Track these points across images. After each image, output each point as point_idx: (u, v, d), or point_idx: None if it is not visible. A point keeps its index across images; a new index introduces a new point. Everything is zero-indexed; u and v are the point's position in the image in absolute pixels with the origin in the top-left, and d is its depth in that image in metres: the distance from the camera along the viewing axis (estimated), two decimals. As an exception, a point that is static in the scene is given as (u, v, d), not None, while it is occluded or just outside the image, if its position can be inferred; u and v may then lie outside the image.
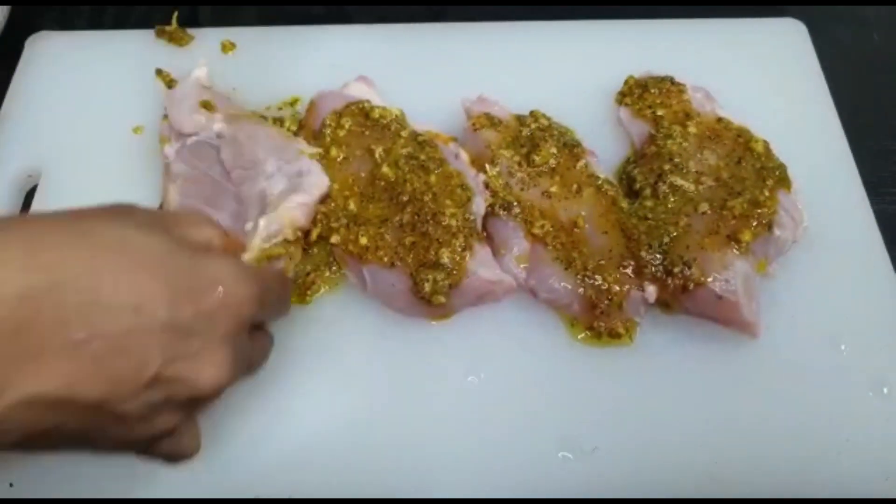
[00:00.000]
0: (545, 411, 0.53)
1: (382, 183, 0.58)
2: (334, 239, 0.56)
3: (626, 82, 0.66)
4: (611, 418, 0.53)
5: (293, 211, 0.55)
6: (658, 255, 0.55)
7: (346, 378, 0.54)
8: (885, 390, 0.53)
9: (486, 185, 0.58)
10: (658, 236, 0.55)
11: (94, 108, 0.67)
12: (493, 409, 0.53)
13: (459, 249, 0.54)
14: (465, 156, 0.60)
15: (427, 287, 0.53)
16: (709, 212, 0.56)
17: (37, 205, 0.62)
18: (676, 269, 0.54)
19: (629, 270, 0.55)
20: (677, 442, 0.52)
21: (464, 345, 0.55)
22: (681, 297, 0.54)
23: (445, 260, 0.53)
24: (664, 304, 0.56)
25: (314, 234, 0.57)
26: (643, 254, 0.55)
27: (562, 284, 0.55)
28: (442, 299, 0.53)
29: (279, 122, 0.65)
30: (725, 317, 0.54)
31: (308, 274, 0.58)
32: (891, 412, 0.53)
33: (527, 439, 0.52)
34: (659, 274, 0.54)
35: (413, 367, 0.55)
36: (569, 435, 0.52)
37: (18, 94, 0.68)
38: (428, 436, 0.52)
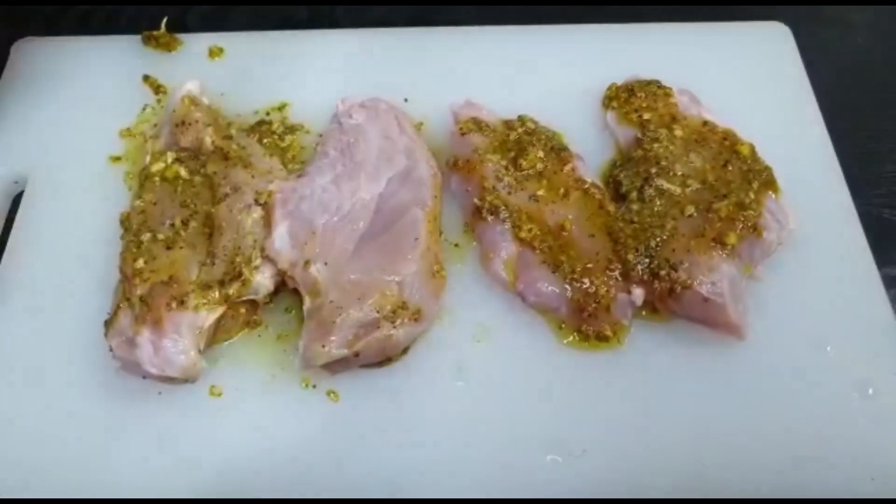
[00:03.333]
0: (533, 415, 0.53)
1: None
2: None
3: (609, 87, 0.66)
4: (599, 421, 0.53)
5: (267, 281, 0.55)
6: (645, 259, 0.55)
7: (335, 383, 0.54)
8: (870, 391, 0.54)
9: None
10: (644, 240, 0.55)
11: (81, 114, 0.67)
12: (481, 413, 0.53)
13: None
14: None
15: None
16: (695, 214, 0.56)
17: (23, 210, 0.62)
18: (663, 272, 0.54)
19: (616, 273, 0.55)
20: (665, 444, 0.52)
21: (451, 349, 0.55)
22: (668, 300, 0.54)
23: None
24: (652, 307, 0.56)
25: None
26: (630, 257, 0.55)
27: (549, 288, 0.55)
28: None
29: (267, 125, 0.65)
30: (712, 319, 0.54)
31: None
32: (876, 413, 0.53)
33: (515, 443, 0.52)
34: (646, 277, 0.55)
35: (401, 372, 0.55)
36: (557, 438, 0.52)
37: (4, 100, 0.68)
38: (416, 440, 0.52)
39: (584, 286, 0.54)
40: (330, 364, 0.52)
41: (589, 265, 0.55)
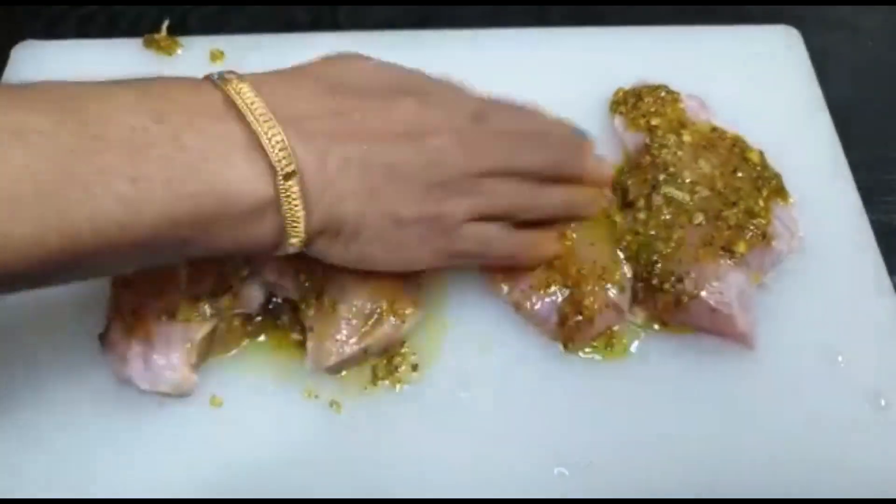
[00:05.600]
0: (540, 426, 0.52)
1: None
2: None
3: (616, 92, 0.66)
4: (606, 433, 0.52)
5: (257, 293, 0.55)
6: (650, 272, 0.54)
7: (338, 394, 0.54)
8: (883, 402, 0.53)
9: None
10: (649, 253, 0.54)
11: (81, 118, 0.66)
12: (486, 425, 0.52)
13: None
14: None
15: None
16: (703, 222, 0.55)
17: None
18: (667, 286, 0.53)
19: (607, 284, 0.54)
20: (673, 455, 0.51)
21: (455, 360, 0.55)
22: (674, 311, 0.53)
23: None
24: (661, 321, 0.55)
25: None
26: (635, 268, 0.54)
27: (542, 298, 0.54)
28: None
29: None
30: (721, 329, 0.53)
31: None
32: (888, 424, 0.52)
33: (521, 455, 0.51)
34: (650, 290, 0.54)
35: (404, 384, 0.54)
36: (564, 450, 0.51)
37: (4, 104, 0.68)
38: (420, 452, 0.52)
39: (573, 295, 0.53)
40: (338, 363, 0.52)
41: (582, 270, 0.54)
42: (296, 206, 0.39)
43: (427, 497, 0.50)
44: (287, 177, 0.38)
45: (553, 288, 0.54)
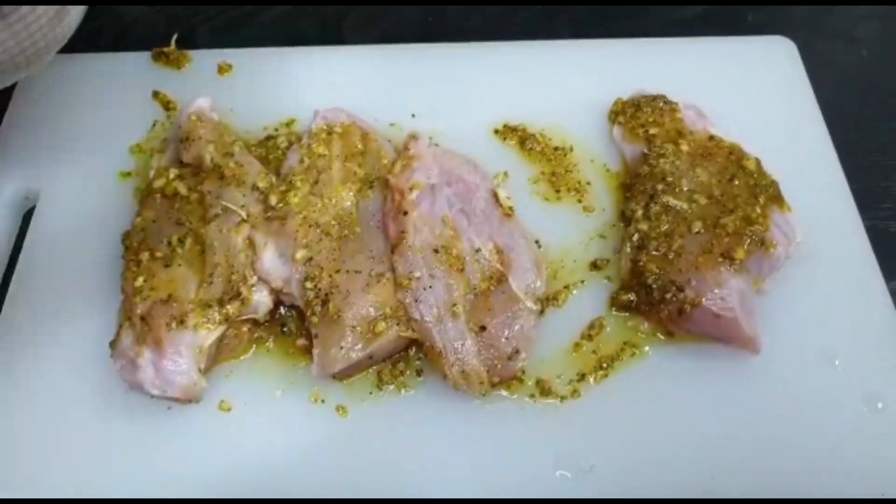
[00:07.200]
0: (542, 430, 0.53)
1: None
2: None
3: (616, 102, 0.67)
4: (607, 436, 0.53)
5: (265, 299, 0.56)
6: (651, 283, 0.55)
7: (344, 398, 0.54)
8: (880, 405, 0.54)
9: None
10: (652, 272, 0.55)
11: (92, 130, 0.68)
12: (489, 429, 0.53)
13: None
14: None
15: None
16: (702, 230, 0.56)
17: (34, 226, 0.62)
18: (668, 296, 0.54)
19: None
20: (673, 458, 0.52)
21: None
22: (678, 320, 0.54)
23: None
24: (666, 331, 0.56)
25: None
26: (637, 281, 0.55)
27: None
28: None
29: (273, 140, 0.65)
30: (726, 334, 0.54)
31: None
32: (885, 427, 0.53)
33: (524, 458, 0.52)
34: (653, 301, 0.55)
35: (409, 389, 0.55)
36: (566, 453, 0.52)
37: (17, 116, 0.69)
38: (425, 455, 0.52)
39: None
40: (343, 370, 0.53)
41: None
42: None
43: (430, 497, 0.51)
44: None
45: None
